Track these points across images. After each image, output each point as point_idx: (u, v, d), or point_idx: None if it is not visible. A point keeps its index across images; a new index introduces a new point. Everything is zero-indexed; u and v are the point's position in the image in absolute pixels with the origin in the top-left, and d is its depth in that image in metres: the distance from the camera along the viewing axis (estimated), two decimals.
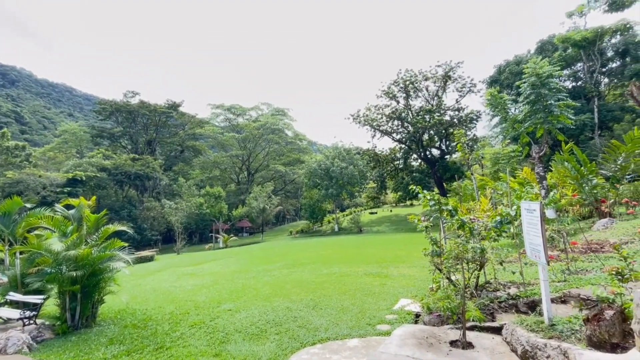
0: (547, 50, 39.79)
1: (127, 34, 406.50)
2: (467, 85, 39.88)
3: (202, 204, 45.38)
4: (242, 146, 64.29)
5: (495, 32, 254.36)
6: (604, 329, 3.14)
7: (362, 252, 16.19)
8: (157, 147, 65.85)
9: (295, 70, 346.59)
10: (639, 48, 35.45)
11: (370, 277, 9.71)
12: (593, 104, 34.61)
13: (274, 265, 14.05)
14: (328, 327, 5.70)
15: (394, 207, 56.68)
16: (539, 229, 3.86)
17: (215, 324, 6.45)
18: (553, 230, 8.58)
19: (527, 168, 16.56)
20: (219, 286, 10.32)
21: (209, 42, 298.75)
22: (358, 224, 37.41)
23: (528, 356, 3.54)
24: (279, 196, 57.40)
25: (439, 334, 4.41)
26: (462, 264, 4.92)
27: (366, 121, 42.57)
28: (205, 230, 53.96)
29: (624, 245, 7.37)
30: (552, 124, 15.76)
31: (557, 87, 16.10)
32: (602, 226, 10.38)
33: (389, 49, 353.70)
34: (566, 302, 4.79)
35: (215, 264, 17.00)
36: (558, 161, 13.71)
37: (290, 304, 7.32)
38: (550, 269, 6.30)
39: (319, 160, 42.44)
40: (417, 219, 6.22)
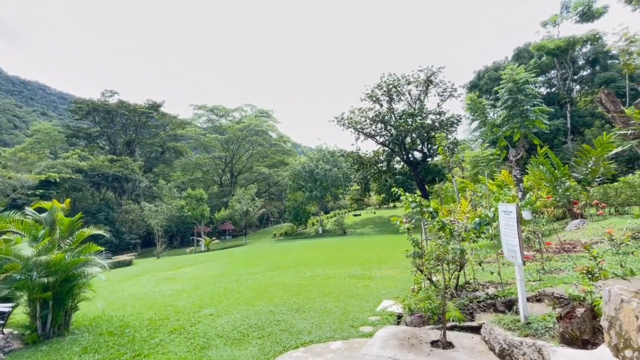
0: (524, 58, 41.32)
1: (106, 32, 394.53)
2: (448, 90, 40.90)
3: (184, 206, 44.38)
4: (225, 148, 63.42)
5: (475, 39, 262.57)
6: (575, 326, 3.26)
7: (346, 254, 16.25)
8: (137, 148, 64.05)
9: (280, 71, 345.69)
10: (608, 57, 37.36)
11: (354, 279, 9.76)
12: (566, 110, 36.16)
13: (257, 268, 13.90)
14: (311, 330, 5.68)
15: (377, 209, 57.24)
16: (516, 230, 3.98)
17: (195, 330, 6.30)
18: (529, 231, 8.88)
19: (505, 171, 17.09)
20: (200, 290, 10.11)
21: (192, 42, 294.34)
22: (342, 226, 37.56)
23: (505, 354, 3.63)
24: (262, 198, 56.86)
25: (420, 335, 4.47)
26: (443, 264, 5.01)
27: (350, 124, 42.92)
28: (187, 233, 52.85)
29: (594, 245, 7.71)
30: (528, 128, 16.34)
31: (532, 93, 16.73)
32: (574, 227, 10.82)
33: (373, 53, 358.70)
34: (541, 301, 4.96)
35: (197, 268, 16.66)
36: (534, 164, 14.22)
37: (273, 308, 7.26)
38: (526, 269, 6.51)
39: (303, 162, 42.46)
40: (399, 221, 6.30)
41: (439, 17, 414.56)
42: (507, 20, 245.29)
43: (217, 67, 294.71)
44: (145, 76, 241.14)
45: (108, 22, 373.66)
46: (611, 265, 5.59)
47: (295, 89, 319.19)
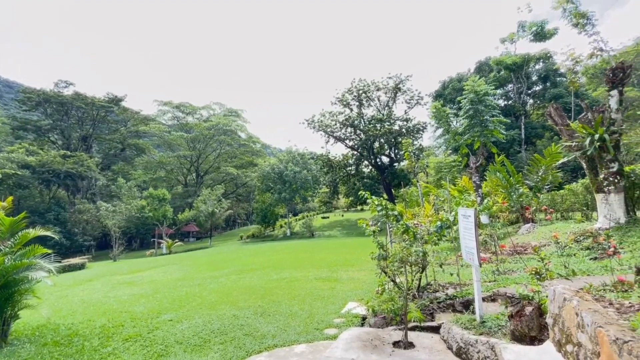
0: (484, 71, 43.89)
1: (63, 19, 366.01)
2: (415, 98, 42.44)
3: (144, 206, 42.23)
4: (191, 146, 61.21)
5: (441, 50, 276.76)
6: (524, 324, 3.48)
7: (313, 257, 16.25)
8: (94, 144, 60.10)
9: (251, 71, 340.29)
10: (557, 75, 40.68)
11: (320, 281, 9.77)
12: (520, 122, 38.84)
13: (221, 271, 13.51)
14: (276, 334, 5.60)
15: (345, 212, 57.95)
16: (473, 234, 4.18)
17: (153, 336, 5.98)
18: (486, 235, 9.40)
19: (466, 177, 18.01)
20: (160, 295, 9.63)
21: (157, 36, 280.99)
22: (310, 228, 37.60)
23: (462, 352, 3.80)
24: (229, 200, 55.49)
25: (383, 336, 4.56)
26: (406, 266, 5.16)
27: (320, 127, 43.21)
28: (147, 235, 50.32)
29: (542, 248, 8.30)
30: (487, 137, 17.38)
31: (491, 104, 17.84)
32: (526, 230, 11.60)
33: (344, 57, 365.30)
34: (495, 300, 5.24)
35: (157, 272, 15.88)
36: (491, 171, 15.12)
37: (237, 312, 7.07)
38: (482, 270, 6.87)
39: (272, 163, 42.06)
40: (365, 224, 6.41)
41: (408, 27, 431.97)
42: (471, 34, 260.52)
43: (185, 64, 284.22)
44: (105, 69, 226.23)
45: (66, 10, 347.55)
46: (557, 266, 6.04)
47: (266, 90, 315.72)
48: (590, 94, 36.48)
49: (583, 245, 7.65)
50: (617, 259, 5.64)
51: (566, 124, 9.96)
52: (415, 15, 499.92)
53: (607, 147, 8.46)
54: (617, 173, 8.47)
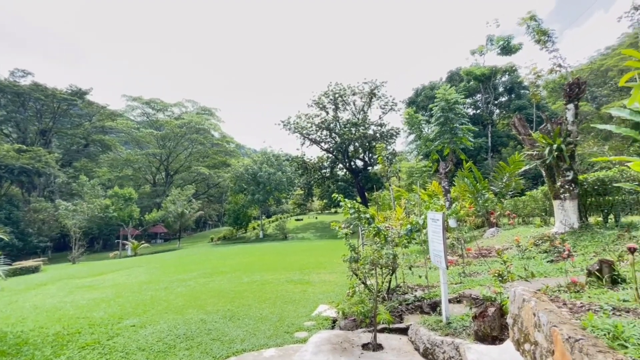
0: (455, 80, 45.74)
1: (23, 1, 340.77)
2: (389, 104, 43.44)
3: (109, 206, 40.10)
4: (161, 144, 58.96)
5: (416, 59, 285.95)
6: (487, 324, 3.62)
7: (286, 259, 16.12)
8: (54, 139, 56.35)
9: (226, 69, 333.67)
10: (521, 87, 43.16)
11: (292, 284, 9.69)
12: (488, 130, 40.77)
13: (190, 274, 13.07)
14: (245, 338, 5.47)
15: (319, 214, 58.06)
16: (441, 237, 4.31)
17: (113, 344, 5.66)
18: (454, 238, 9.74)
19: (436, 182, 18.61)
20: (122, 299, 9.15)
21: (128, 29, 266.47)
22: (284, 230, 37.31)
23: (428, 353, 3.89)
24: (200, 200, 53.97)
25: (352, 338, 4.58)
26: (377, 269, 5.22)
27: (296, 129, 43.16)
28: (111, 236, 47.87)
29: (505, 251, 8.72)
30: (456, 144, 18.09)
31: (461, 112, 18.61)
32: (491, 234, 12.15)
33: (320, 60, 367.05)
34: (461, 302, 5.43)
35: (120, 274, 15.11)
36: (460, 177, 15.74)
37: (205, 316, 6.86)
38: (449, 272, 7.11)
39: (246, 164, 41.36)
40: (338, 226, 6.43)
41: (384, 34, 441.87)
42: (444, 43, 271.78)
43: (157, 61, 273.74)
44: (70, 61, 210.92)
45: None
46: (517, 268, 6.36)
47: (242, 89, 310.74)
48: (550, 107, 39.03)
49: (541, 248, 8.11)
50: (570, 262, 6.03)
51: (528, 134, 10.56)
52: (391, 22, 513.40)
53: (564, 156, 9.06)
54: (572, 181, 9.07)
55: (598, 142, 24.95)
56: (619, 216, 8.99)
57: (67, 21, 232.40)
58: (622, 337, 2.03)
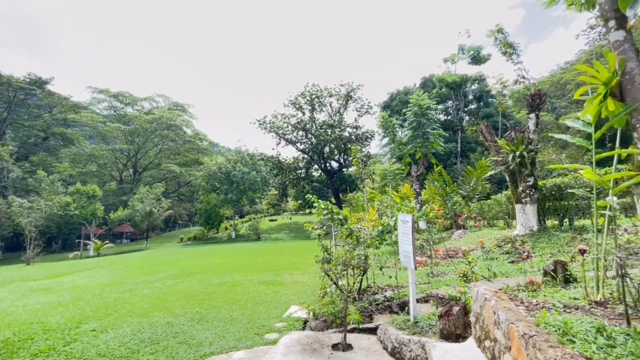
0: (428, 87, 47.23)
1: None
2: (365, 107, 44.13)
3: (70, 203, 37.82)
4: (130, 140, 56.35)
5: (391, 63, 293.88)
6: (451, 323, 3.77)
7: (258, 260, 15.93)
8: (9, 130, 52.33)
9: (201, 65, 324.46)
10: (489, 96, 45.30)
11: (264, 285, 9.59)
12: (457, 136, 42.44)
13: (157, 275, 12.59)
14: (213, 341, 5.35)
15: (294, 215, 57.84)
16: (411, 238, 4.43)
17: (70, 350, 5.34)
18: (423, 239, 10.05)
19: (408, 184, 19.12)
20: (82, 303, 8.66)
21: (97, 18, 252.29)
22: (257, 231, 36.85)
23: (396, 352, 3.98)
24: (170, 199, 52.13)
25: (322, 339, 4.60)
26: (348, 269, 5.28)
27: (272, 128, 42.82)
28: (72, 235, 45.12)
29: (470, 252, 9.11)
30: (428, 148, 18.68)
31: (433, 118, 19.25)
32: (458, 236, 12.64)
33: (298, 61, 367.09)
34: (428, 301, 5.61)
35: (81, 276, 14.28)
36: (430, 180, 16.25)
37: (172, 319, 6.63)
38: (418, 273, 7.32)
39: (219, 163, 40.43)
40: (311, 227, 6.45)
41: (362, 37, 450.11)
42: (419, 49, 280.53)
43: (126, 52, 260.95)
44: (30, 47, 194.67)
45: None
46: (481, 269, 6.66)
47: (217, 86, 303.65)
48: (515, 115, 41.24)
49: (504, 249, 8.55)
50: (529, 262, 6.40)
51: (494, 140, 11.10)
52: (369, 27, 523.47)
53: (526, 163, 9.61)
54: (532, 186, 9.64)
55: (556, 150, 26.70)
56: (573, 220, 9.66)
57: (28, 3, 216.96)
58: (571, 332, 2.18)
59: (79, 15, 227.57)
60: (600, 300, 3.06)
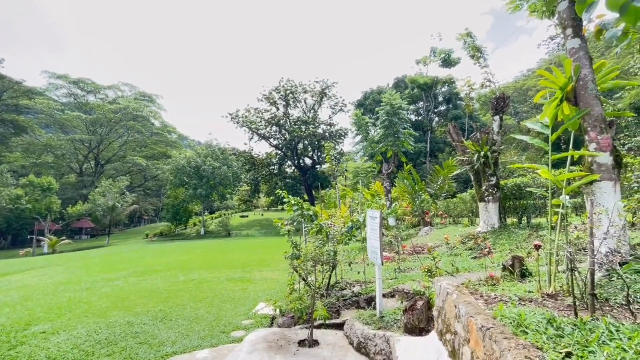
0: (401, 87, 48.26)
1: None
2: (339, 104, 44.34)
3: (21, 196, 35.06)
4: (91, 130, 53.09)
5: (366, 63, 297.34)
6: (415, 317, 3.85)
7: (228, 257, 15.59)
8: None
9: (171, 57, 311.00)
10: (458, 98, 47.06)
11: (232, 282, 9.39)
12: (427, 136, 43.75)
13: (118, 273, 11.96)
14: (176, 340, 5.15)
15: (266, 211, 57.24)
16: (378, 234, 4.48)
17: (16, 354, 4.93)
18: (392, 236, 10.25)
19: (379, 182, 19.45)
20: (31, 303, 8.04)
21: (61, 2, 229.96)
22: (227, 227, 36.07)
23: (361, 347, 4.01)
24: (135, 193, 49.84)
25: (289, 335, 4.56)
26: (317, 265, 5.27)
27: (245, 122, 41.97)
28: (24, 231, 41.86)
29: (436, 248, 9.41)
30: (398, 147, 19.09)
31: (404, 117, 19.67)
32: (425, 233, 13.04)
33: (272, 55, 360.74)
34: (394, 296, 5.72)
35: (32, 275, 13.30)
36: (400, 178, 16.63)
37: (133, 318, 6.31)
38: (385, 268, 7.45)
39: (189, 156, 39.05)
40: (281, 223, 6.37)
41: (338, 35, 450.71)
42: (391, 51, 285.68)
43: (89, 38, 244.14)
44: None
45: None
46: (446, 264, 6.89)
47: (188, 78, 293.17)
48: (481, 118, 43.14)
49: (467, 246, 8.91)
50: (490, 258, 6.70)
51: (461, 141, 11.53)
52: (345, 25, 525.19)
53: (489, 163, 10.06)
54: (495, 185, 10.11)
55: (517, 152, 28.28)
56: (530, 217, 10.25)
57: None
58: (524, 324, 2.28)
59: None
60: (552, 292, 3.24)
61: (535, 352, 1.86)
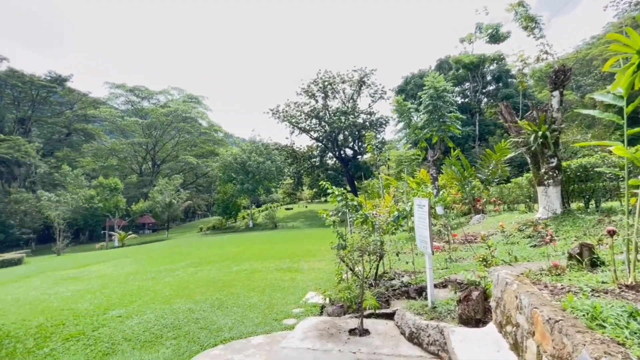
0: (444, 69, 45.74)
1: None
2: (378, 92, 43.24)
3: (94, 196, 39.26)
4: (147, 133, 57.61)
5: (405, 46, 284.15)
6: (471, 308, 3.68)
7: (275, 248, 16.14)
8: (34, 127, 54.43)
9: (214, 57, 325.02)
10: (509, 76, 43.47)
11: (281, 272, 9.71)
12: (475, 119, 41.15)
13: (178, 264, 12.97)
14: (233, 326, 5.47)
15: (309, 203, 58.15)
16: (427, 223, 4.33)
17: (98, 334, 5.59)
18: (441, 225, 9.87)
19: (424, 170, 18.76)
20: (108, 290, 9.03)
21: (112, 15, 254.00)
22: (273, 219, 37.26)
23: (414, 337, 3.94)
24: (189, 190, 53.27)
25: (339, 324, 4.61)
26: (364, 256, 5.24)
27: (285, 117, 42.70)
28: (97, 227, 46.90)
29: (490, 237, 8.88)
30: (444, 132, 18.15)
31: (450, 100, 18.61)
32: (477, 221, 12.36)
33: (309, 48, 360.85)
34: (446, 287, 5.52)
35: (106, 266, 14.89)
36: (447, 165, 15.85)
37: (193, 305, 6.82)
38: (435, 258, 7.20)
39: (235, 153, 40.81)
40: (326, 214, 6.41)
41: (374, 21, 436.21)
42: (433, 31, 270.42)
43: (140, 44, 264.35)
44: (49, 48, 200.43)
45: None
46: (501, 253, 6.48)
47: (230, 77, 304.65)
48: (536, 95, 39.50)
49: (525, 234, 8.29)
50: (552, 246, 6.17)
51: (514, 121, 10.66)
52: (382, 9, 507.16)
53: (549, 143, 9.19)
54: (555, 168, 9.24)
55: (581, 130, 25.49)
56: (600, 202, 9.23)
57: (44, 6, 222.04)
58: (600, 317, 2.06)
59: (91, 13, 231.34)
60: (632, 283, 2.90)
61: (617, 348, 1.68)
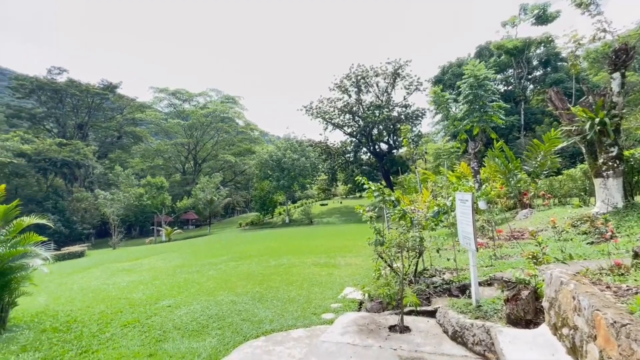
0: (484, 56, 43.20)
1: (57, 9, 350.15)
2: (414, 84, 41.92)
3: (143, 194, 42.15)
4: (189, 134, 60.72)
5: (441, 35, 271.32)
6: (520, 308, 3.48)
7: (312, 243, 16.33)
8: (90, 132, 59.49)
9: (248, 57, 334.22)
10: (558, 60, 40.10)
11: (318, 267, 9.82)
12: (520, 107, 38.51)
13: (220, 258, 13.57)
14: (273, 319, 5.63)
15: (344, 199, 58.03)
16: (470, 218, 4.14)
17: (151, 322, 6.02)
18: (484, 220, 9.40)
19: (464, 163, 17.93)
20: (158, 282, 9.68)
21: (152, 21, 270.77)
22: (309, 215, 37.72)
23: (457, 336, 3.80)
24: (228, 187, 55.45)
25: (379, 320, 4.57)
26: (403, 252, 5.14)
27: (319, 113, 42.86)
28: (146, 223, 50.45)
29: (539, 233, 8.30)
30: (486, 122, 17.21)
31: (491, 89, 17.60)
32: (523, 216, 11.61)
33: (342, 42, 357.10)
34: (492, 285, 5.26)
35: (156, 259, 15.95)
36: (490, 157, 15.02)
37: (235, 298, 7.11)
38: (479, 255, 6.88)
39: (270, 151, 41.75)
40: (362, 210, 6.36)
41: (408, 12, 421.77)
42: (471, 18, 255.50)
43: (179, 50, 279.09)
44: (98, 55, 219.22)
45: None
46: (553, 250, 6.03)
47: (264, 77, 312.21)
48: (591, 79, 36.06)
49: (580, 230, 7.65)
50: (613, 243, 5.63)
51: (566, 108, 9.83)
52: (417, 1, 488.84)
53: (608, 131, 8.36)
54: (616, 157, 8.40)
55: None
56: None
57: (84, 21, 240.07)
58: None
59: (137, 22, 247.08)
60: None
61: None
